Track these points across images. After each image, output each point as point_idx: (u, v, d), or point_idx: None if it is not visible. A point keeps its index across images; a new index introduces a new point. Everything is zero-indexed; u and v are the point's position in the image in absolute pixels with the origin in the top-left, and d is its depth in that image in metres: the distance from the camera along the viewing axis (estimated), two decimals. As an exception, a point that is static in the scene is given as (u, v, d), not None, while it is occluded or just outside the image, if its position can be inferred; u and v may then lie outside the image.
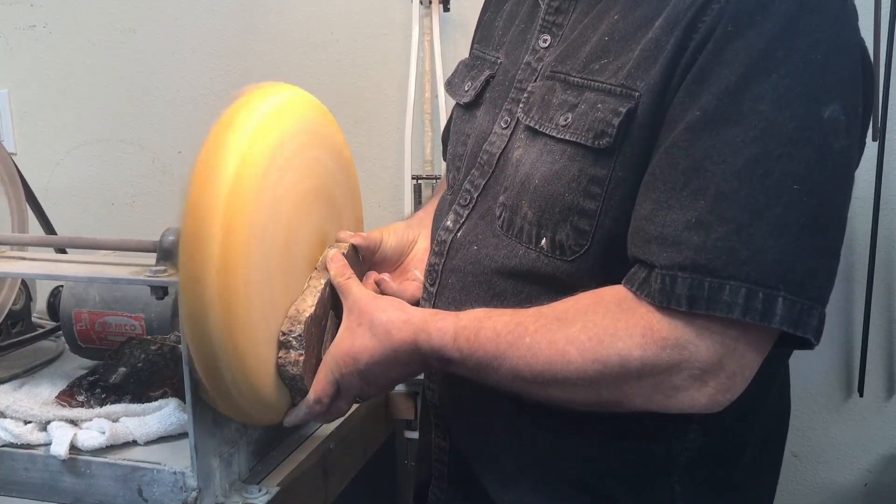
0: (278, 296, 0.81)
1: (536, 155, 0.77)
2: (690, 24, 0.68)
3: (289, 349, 0.81)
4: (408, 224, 1.00)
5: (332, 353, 0.82)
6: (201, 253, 0.71)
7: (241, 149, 0.75)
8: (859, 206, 1.42)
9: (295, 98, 0.87)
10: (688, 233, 0.65)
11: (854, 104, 0.68)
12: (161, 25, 1.69)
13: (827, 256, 0.66)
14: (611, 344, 0.67)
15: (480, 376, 0.74)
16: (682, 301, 0.65)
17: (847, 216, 0.69)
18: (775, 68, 0.65)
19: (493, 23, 0.95)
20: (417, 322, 0.76)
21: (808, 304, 0.65)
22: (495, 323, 0.73)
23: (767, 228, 0.64)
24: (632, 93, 0.70)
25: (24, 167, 1.26)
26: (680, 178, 0.67)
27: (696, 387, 0.66)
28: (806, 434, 1.52)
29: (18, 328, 1.29)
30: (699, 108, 0.66)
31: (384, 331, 0.77)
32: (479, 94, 0.90)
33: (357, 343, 0.79)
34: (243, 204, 0.74)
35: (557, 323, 0.70)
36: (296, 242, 0.84)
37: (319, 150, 0.89)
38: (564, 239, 0.75)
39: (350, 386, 0.81)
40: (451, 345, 0.74)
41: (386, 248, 0.95)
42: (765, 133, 0.64)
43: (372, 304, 0.80)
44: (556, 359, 0.69)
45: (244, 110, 0.78)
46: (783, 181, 0.64)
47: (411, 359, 0.77)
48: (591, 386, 0.69)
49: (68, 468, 0.95)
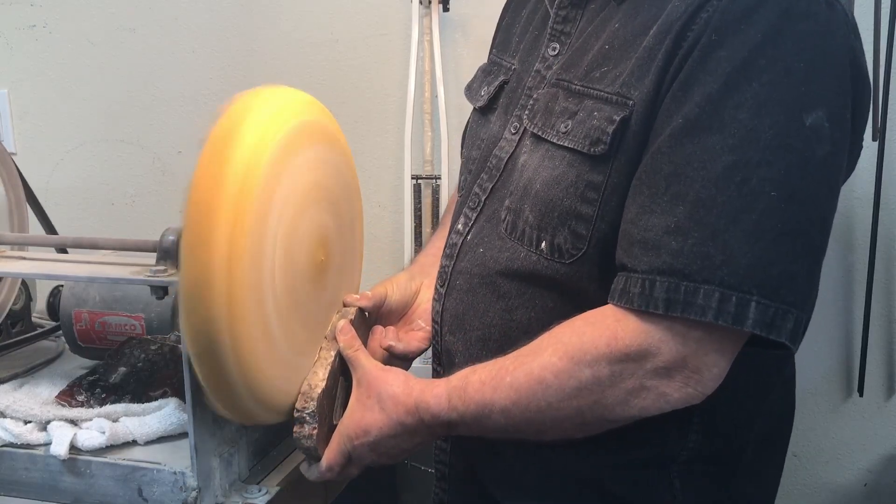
0: (279, 293, 0.81)
1: (539, 161, 0.78)
2: (680, 32, 0.69)
3: (303, 424, 0.85)
4: (410, 276, 1.02)
5: (345, 423, 0.85)
6: (206, 252, 0.72)
7: (244, 151, 0.75)
8: (859, 206, 1.42)
9: (295, 99, 0.87)
10: (667, 237, 0.67)
11: (840, 111, 0.69)
12: (161, 25, 1.69)
13: (807, 262, 0.67)
14: (580, 359, 0.70)
15: (481, 430, 0.77)
16: (660, 304, 0.67)
17: (832, 221, 0.71)
18: (756, 76, 0.66)
19: (511, 28, 0.97)
20: (417, 394, 0.79)
21: (783, 308, 0.66)
22: (479, 374, 0.76)
23: (742, 234, 0.65)
24: (626, 101, 0.72)
25: (24, 167, 1.26)
26: (662, 183, 0.68)
27: (664, 382, 0.69)
28: (806, 434, 1.52)
29: (18, 328, 1.29)
30: (682, 116, 0.68)
31: (392, 404, 0.80)
32: (492, 98, 0.92)
33: (367, 416, 0.82)
34: (248, 204, 0.74)
35: (532, 355, 0.73)
36: (297, 242, 0.84)
37: (320, 151, 0.89)
38: (563, 242, 0.76)
39: (361, 456, 0.84)
40: (447, 407, 0.77)
41: (391, 302, 0.98)
42: (744, 141, 0.65)
43: (380, 378, 0.83)
44: (535, 387, 0.72)
45: (246, 112, 0.78)
46: (760, 188, 0.65)
47: (417, 430, 0.80)
48: (573, 403, 0.71)
49: (68, 468, 0.95)
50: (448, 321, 0.88)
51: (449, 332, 0.88)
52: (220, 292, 0.72)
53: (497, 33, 1.02)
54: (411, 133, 1.51)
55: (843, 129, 0.69)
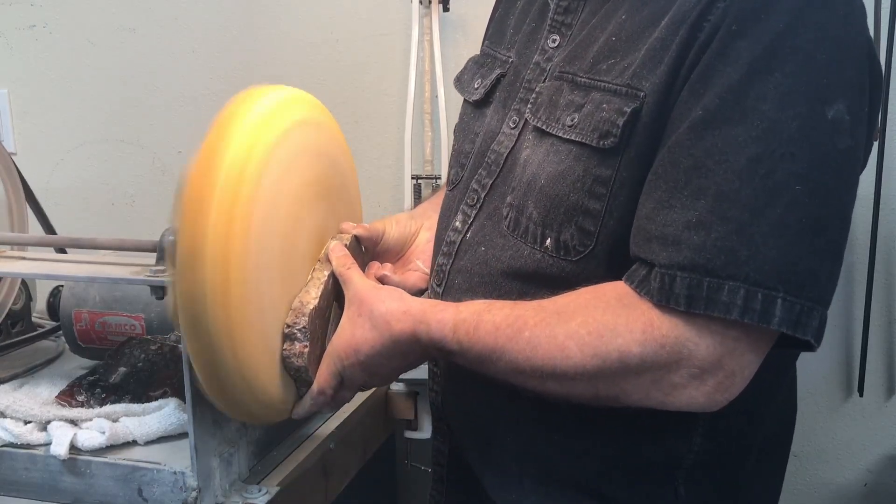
0: (277, 291, 0.81)
1: (543, 155, 0.77)
2: (696, 22, 0.67)
3: (293, 341, 0.81)
4: (410, 215, 1.00)
5: (334, 344, 0.82)
6: (198, 249, 0.71)
7: (240, 146, 0.74)
8: (859, 206, 1.41)
9: (294, 97, 0.87)
10: (688, 232, 0.65)
11: (859, 104, 0.67)
12: (161, 25, 1.69)
13: (828, 257, 0.66)
14: (610, 340, 0.67)
15: (479, 368, 0.74)
16: (681, 300, 0.65)
17: (851, 217, 0.69)
18: (779, 67, 0.64)
19: (504, 20, 0.95)
20: (416, 313, 0.76)
21: (808, 305, 0.64)
22: (494, 316, 0.73)
23: (768, 229, 0.63)
24: (637, 93, 0.70)
25: (24, 167, 1.26)
26: (682, 177, 0.66)
27: (694, 385, 0.66)
28: (806, 434, 1.52)
29: (18, 328, 1.28)
30: (702, 107, 0.66)
31: (384, 322, 0.77)
32: (488, 92, 0.90)
33: (358, 334, 0.79)
34: (242, 199, 0.73)
35: (557, 317, 0.70)
36: (295, 241, 0.84)
37: (319, 149, 0.89)
38: (569, 239, 0.74)
39: (353, 376, 0.81)
40: (451, 337, 0.74)
41: (388, 238, 0.95)
42: (767, 132, 0.64)
43: (372, 295, 0.80)
44: (555, 353, 0.69)
45: (243, 108, 0.78)
46: (785, 181, 0.63)
47: (411, 349, 0.77)
48: (590, 381, 0.68)
49: (68, 468, 0.95)
50: None
51: None
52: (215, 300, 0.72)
53: (490, 24, 1.00)
54: (411, 133, 1.51)
55: (862, 123, 0.68)
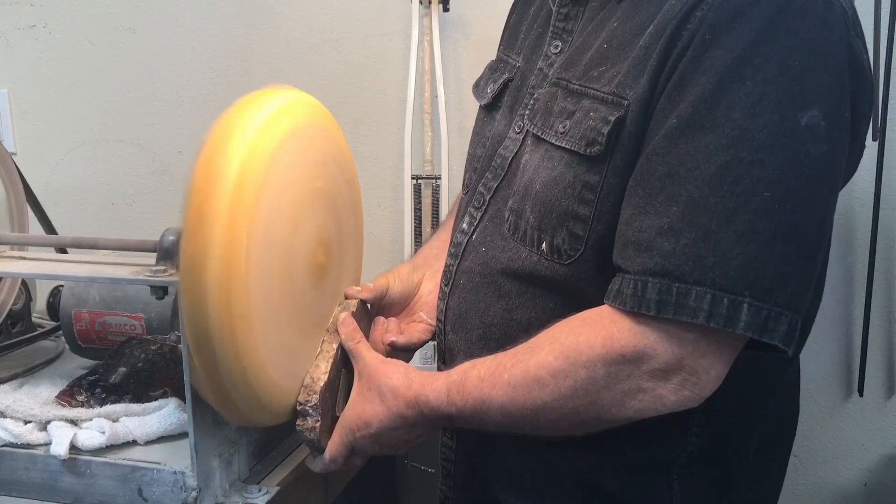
0: (277, 291, 0.81)
1: (539, 161, 0.78)
2: (675, 31, 0.69)
3: (306, 417, 0.85)
4: (413, 266, 1.02)
5: (346, 416, 0.86)
6: (203, 250, 0.71)
7: (243, 149, 0.75)
8: (859, 206, 1.42)
9: (295, 99, 0.87)
10: (660, 238, 0.67)
11: (837, 109, 0.68)
12: (161, 25, 1.68)
13: (801, 263, 0.66)
14: (576, 359, 0.70)
15: (479, 425, 0.77)
16: (651, 306, 0.66)
17: (831, 221, 0.70)
18: (750, 75, 0.65)
19: (518, 26, 0.97)
20: (417, 387, 0.79)
21: (776, 310, 0.65)
22: (479, 370, 0.76)
23: (735, 235, 0.64)
24: (621, 101, 0.71)
25: (24, 167, 1.26)
26: (657, 184, 0.68)
27: (660, 385, 0.68)
28: (806, 434, 1.52)
29: (18, 328, 1.29)
30: (676, 116, 0.67)
31: (392, 397, 0.80)
32: (496, 96, 0.92)
33: (368, 408, 0.82)
34: (246, 203, 0.74)
35: (529, 353, 0.73)
36: (296, 242, 0.84)
37: (320, 151, 0.89)
38: (561, 243, 0.76)
39: (363, 447, 0.85)
40: (446, 401, 0.77)
41: (392, 294, 0.98)
42: (737, 140, 0.65)
43: (380, 371, 0.83)
44: (532, 386, 0.72)
45: (246, 112, 0.78)
46: (754, 188, 0.64)
47: (416, 422, 0.80)
48: (568, 403, 0.71)
49: (68, 468, 0.95)
50: (451, 320, 0.88)
51: (451, 330, 0.88)
52: (218, 300, 0.72)
53: (505, 30, 1.01)
54: (411, 133, 1.51)
55: (842, 128, 0.68)
